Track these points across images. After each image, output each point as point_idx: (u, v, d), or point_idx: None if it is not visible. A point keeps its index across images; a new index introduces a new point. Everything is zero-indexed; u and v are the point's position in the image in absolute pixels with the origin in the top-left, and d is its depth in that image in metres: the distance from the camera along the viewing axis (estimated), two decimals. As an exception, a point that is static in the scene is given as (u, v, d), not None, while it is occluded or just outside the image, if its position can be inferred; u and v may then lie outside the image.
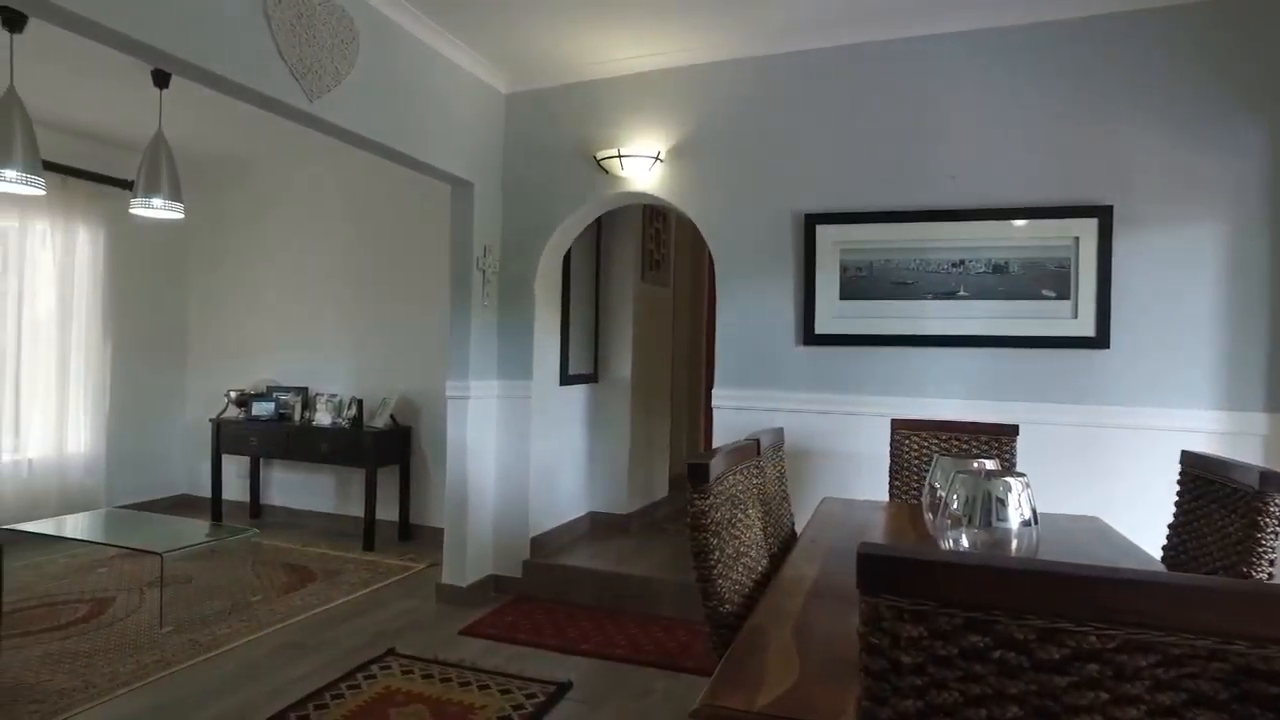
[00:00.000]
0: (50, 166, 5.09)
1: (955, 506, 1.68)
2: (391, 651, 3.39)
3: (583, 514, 5.03)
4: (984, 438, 3.04)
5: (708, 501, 1.54)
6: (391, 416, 5.34)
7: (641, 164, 3.99)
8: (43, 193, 3.62)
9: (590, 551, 4.55)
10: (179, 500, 6.18)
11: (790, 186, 3.79)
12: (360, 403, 5.37)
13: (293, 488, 5.88)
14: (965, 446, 3.04)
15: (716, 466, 1.60)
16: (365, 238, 5.63)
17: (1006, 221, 3.47)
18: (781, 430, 2.81)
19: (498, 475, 4.31)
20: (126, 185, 5.35)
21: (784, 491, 2.58)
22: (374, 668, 3.23)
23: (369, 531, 5.12)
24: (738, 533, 1.73)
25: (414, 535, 5.43)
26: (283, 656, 3.35)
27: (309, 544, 5.22)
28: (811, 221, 3.75)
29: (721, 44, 3.83)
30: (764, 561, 1.91)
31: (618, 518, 5.08)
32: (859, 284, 3.74)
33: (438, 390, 5.19)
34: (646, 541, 4.83)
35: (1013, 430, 3.01)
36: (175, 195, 4.13)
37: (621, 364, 5.16)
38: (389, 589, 4.31)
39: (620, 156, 3.97)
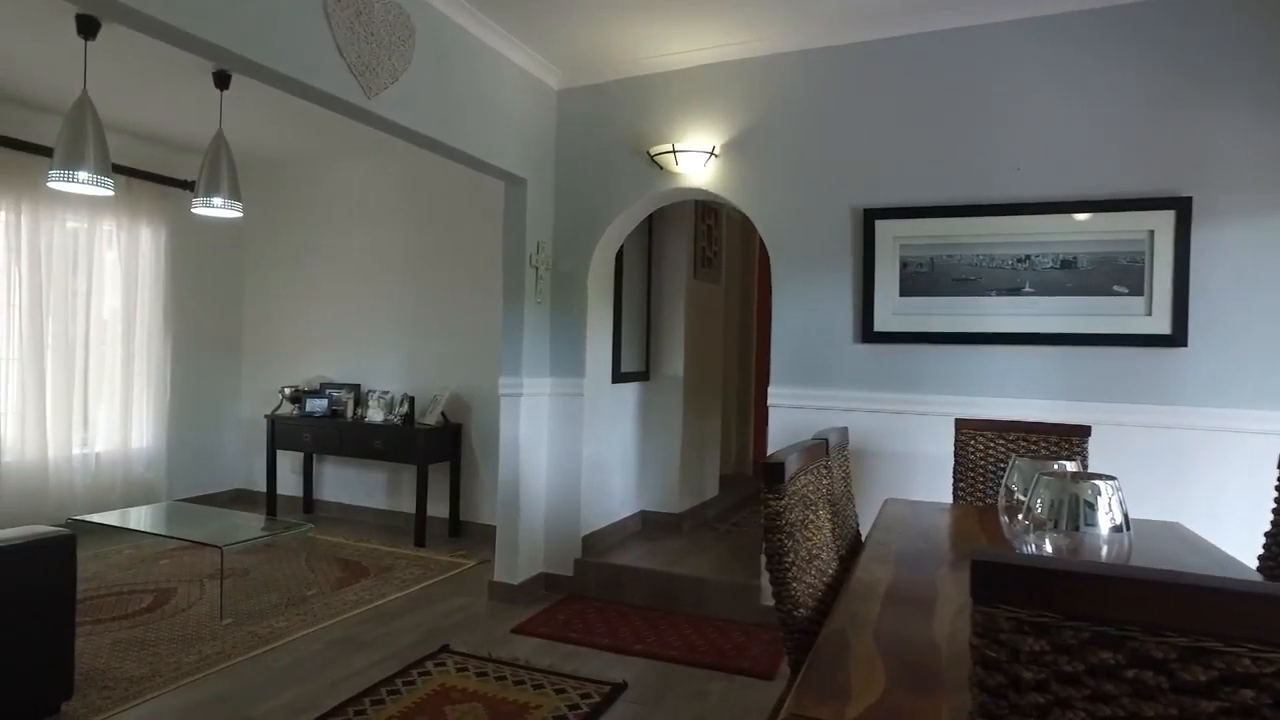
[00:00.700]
0: (116, 169, 5.22)
1: (1039, 510, 1.60)
2: (445, 649, 3.40)
3: (634, 513, 5.00)
4: (1054, 438, 2.93)
5: (783, 502, 1.49)
6: (442, 414, 5.36)
7: (696, 159, 3.94)
8: (112, 193, 3.70)
9: (642, 551, 4.52)
10: (235, 494, 6.30)
11: (849, 181, 3.71)
12: (412, 400, 5.41)
13: (345, 483, 5.95)
14: (1034, 447, 2.94)
15: (790, 466, 1.55)
16: (418, 235, 5.67)
17: (1075, 215, 3.34)
18: (846, 430, 2.74)
19: (549, 473, 4.30)
20: (188, 186, 5.47)
21: (849, 492, 2.51)
22: (429, 664, 3.23)
23: (420, 528, 5.15)
24: (810, 534, 1.67)
25: (464, 532, 5.46)
26: (339, 651, 3.37)
27: (361, 539, 5.27)
28: (871, 216, 3.66)
29: (778, 36, 3.77)
30: (834, 564, 1.85)
31: (669, 517, 5.04)
32: (919, 280, 3.64)
33: (488, 388, 5.20)
34: (698, 541, 4.78)
35: (1084, 431, 2.89)
36: (235, 194, 4.19)
37: (673, 362, 5.11)
38: (440, 586, 4.33)
39: (675, 152, 3.93)
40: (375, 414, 5.45)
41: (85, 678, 3.03)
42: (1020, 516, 1.87)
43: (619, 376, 4.72)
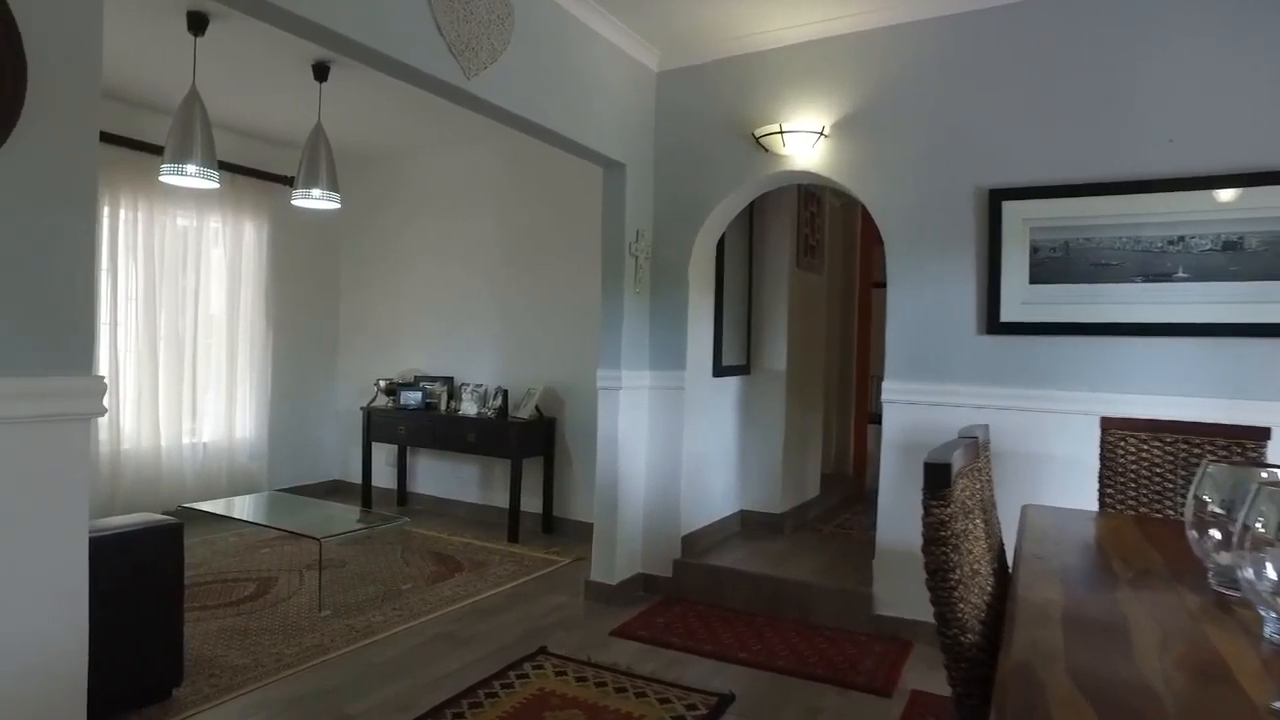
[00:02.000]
0: (222, 165, 5.33)
1: (1261, 527, 1.34)
2: (543, 650, 3.28)
3: (734, 512, 4.80)
4: (1222, 441, 2.59)
5: (948, 510, 1.29)
6: (536, 408, 5.29)
7: (804, 140, 3.72)
8: (217, 186, 3.74)
9: (743, 552, 4.32)
10: (332, 486, 6.39)
11: (973, 159, 3.42)
12: (505, 393, 5.35)
13: (439, 477, 5.95)
14: (1198, 451, 2.61)
15: (955, 467, 1.34)
16: (513, 226, 5.61)
17: (1240, 189, 2.98)
18: (988, 427, 2.48)
19: (648, 470, 4.15)
20: (287, 181, 5.55)
21: (993, 498, 2.26)
22: (526, 666, 3.12)
23: (513, 523, 5.09)
24: (970, 546, 1.46)
25: (558, 528, 5.37)
26: (436, 648, 3.30)
27: (454, 533, 5.24)
28: (997, 197, 3.37)
29: (894, 5, 3.50)
30: (991, 580, 1.62)
31: (770, 517, 4.83)
32: (1052, 266, 3.33)
33: (583, 382, 5.09)
34: (801, 543, 4.55)
35: (1261, 434, 2.55)
36: (333, 185, 4.19)
37: (775, 355, 4.89)
38: (535, 583, 4.24)
39: (781, 133, 3.72)
40: (469, 407, 5.42)
41: (194, 664, 3.04)
42: (1215, 532, 1.62)
43: (720, 370, 4.53)
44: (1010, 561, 2.12)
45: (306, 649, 3.24)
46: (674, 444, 4.11)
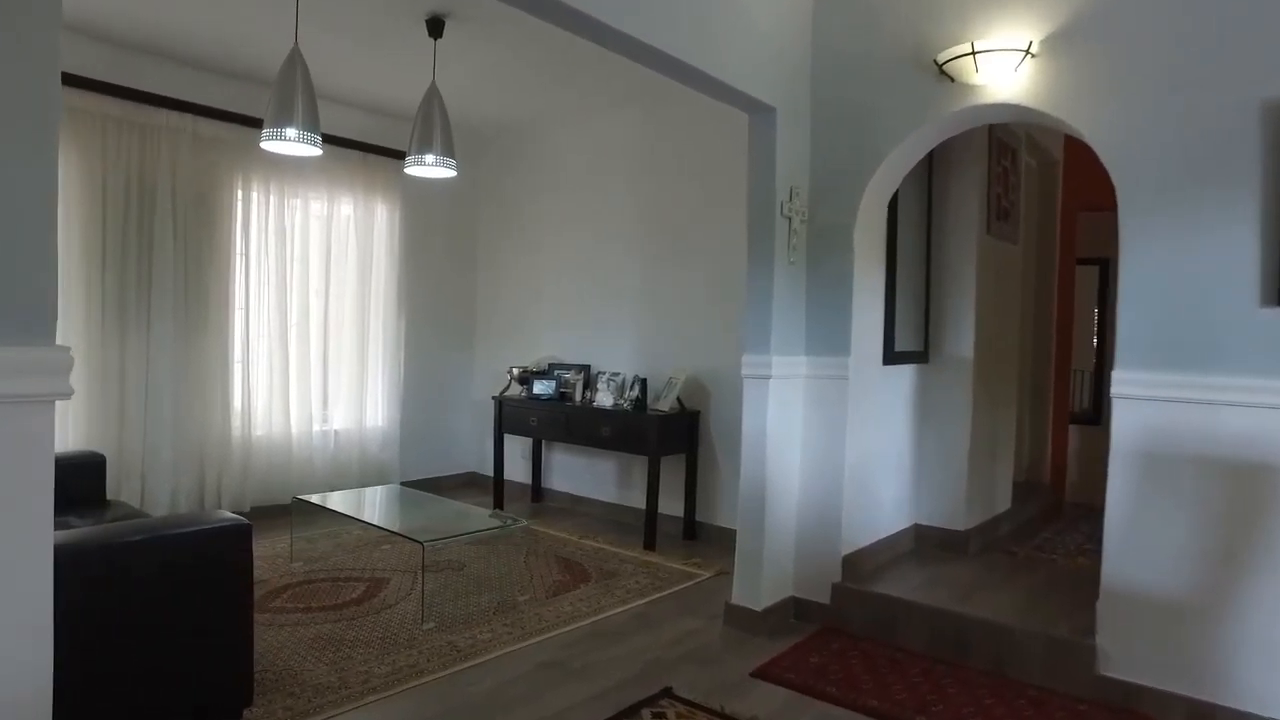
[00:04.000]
0: (351, 144, 5.14)
1: None
2: (668, 693, 2.70)
3: (906, 527, 4.01)
4: None
5: None
6: (678, 399, 4.72)
7: (1004, 63, 2.91)
8: (319, 152, 3.42)
9: (919, 578, 3.55)
10: (467, 479, 6.12)
11: (1256, 65, 2.50)
12: (644, 383, 4.81)
13: (574, 472, 5.52)
14: None
15: None
16: (652, 199, 5.07)
17: None
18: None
19: (804, 474, 3.48)
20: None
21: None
22: (645, 713, 2.55)
23: (650, 528, 4.54)
24: None
25: (700, 534, 4.78)
26: (543, 678, 2.80)
27: (586, 535, 4.77)
28: (1294, 115, 2.44)
29: None
30: None
31: (951, 535, 4.00)
32: (1376, 210, 2.36)
33: (731, 370, 4.46)
34: (991, 569, 3.71)
35: None
36: (448, 151, 3.79)
37: (959, 339, 4.04)
38: (669, 601, 3.67)
39: (974, 54, 2.93)
40: (604, 398, 4.92)
41: (276, 679, 2.71)
42: None
43: (891, 357, 3.76)
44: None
45: (399, 669, 2.83)
46: (835, 444, 3.41)
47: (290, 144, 3.30)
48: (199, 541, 2.31)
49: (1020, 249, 4.63)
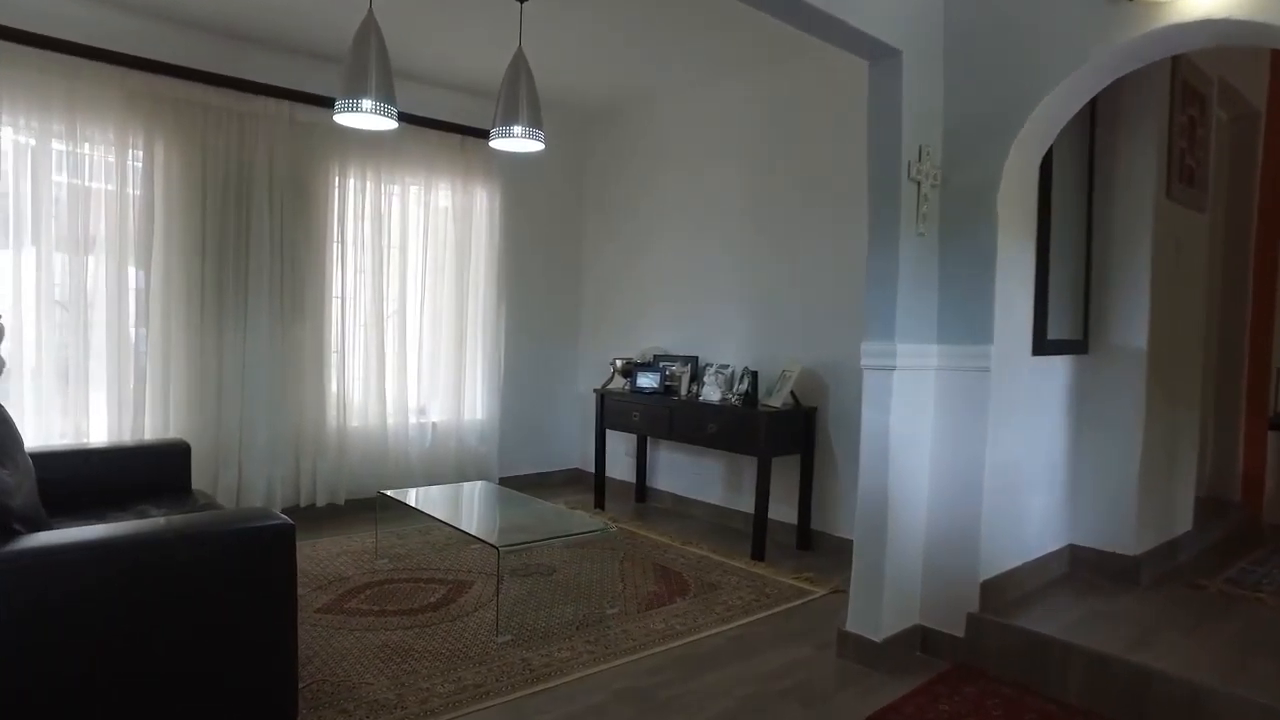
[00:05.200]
0: (450, 127, 4.96)
1: None
2: (763, 740, 2.28)
3: (1059, 548, 3.40)
4: None
5: None
6: (792, 394, 4.25)
7: (1201, -30, 2.30)
8: (395, 125, 3.20)
9: (1077, 612, 2.95)
10: (571, 476, 5.86)
11: None
12: (754, 376, 4.37)
13: (680, 471, 5.14)
14: None
15: None
16: (764, 176, 4.62)
17: None
18: None
19: (934, 481, 2.96)
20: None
21: None
22: (735, 764, 2.14)
23: (759, 536, 4.11)
24: None
25: (815, 544, 4.30)
26: (619, 713, 2.44)
27: (689, 541, 4.38)
28: None
29: None
30: None
31: (1116, 560, 3.34)
32: None
33: (851, 363, 3.96)
34: (1174, 607, 3.05)
35: None
36: (535, 122, 3.48)
37: (1129, 326, 3.37)
38: (775, 622, 3.23)
39: (1160, -40, 2.34)
40: (711, 392, 4.52)
41: (331, 692, 2.48)
42: None
43: (1043, 346, 3.17)
44: None
45: (463, 688, 2.54)
46: (972, 447, 2.87)
47: (365, 116, 3.08)
48: (235, 542, 2.10)
49: (1208, 218, 3.87)
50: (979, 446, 2.86)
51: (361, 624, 3.05)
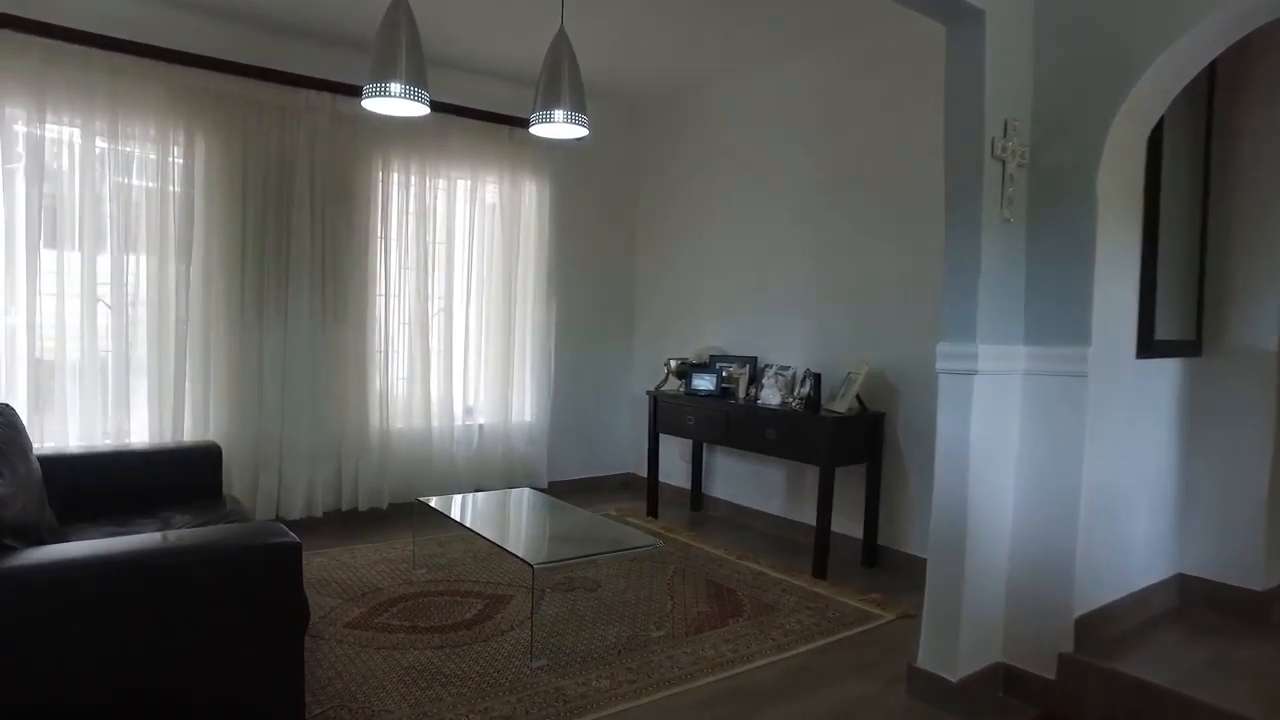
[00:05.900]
0: (497, 118, 4.78)
1: None
2: (820, 801, 1.99)
3: (1166, 577, 2.99)
4: None
5: None
6: (858, 398, 3.92)
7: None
8: (427, 110, 2.99)
9: (1196, 658, 2.56)
10: (624, 480, 5.62)
11: None
12: (817, 378, 4.05)
13: (738, 479, 4.85)
14: None
15: None
16: (828, 165, 4.29)
17: None
18: None
19: (1020, 499, 2.61)
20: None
21: None
22: (787, 831, 1.86)
23: (820, 552, 3.79)
24: None
25: (881, 562, 3.96)
26: (660, 756, 2.18)
27: (746, 555, 4.09)
28: None
29: None
30: None
31: (1240, 595, 2.92)
32: None
33: (923, 365, 3.62)
34: (1306, 649, 2.63)
35: None
36: (578, 106, 3.23)
37: (1255, 324, 2.94)
38: (837, 650, 2.92)
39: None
40: (770, 395, 4.22)
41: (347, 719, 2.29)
42: None
43: (1150, 347, 2.77)
44: None
45: (488, 722, 2.32)
46: (1067, 461, 2.51)
47: (394, 101, 2.88)
48: (235, 561, 1.93)
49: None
50: (1074, 461, 2.49)
51: (390, 641, 2.86)
